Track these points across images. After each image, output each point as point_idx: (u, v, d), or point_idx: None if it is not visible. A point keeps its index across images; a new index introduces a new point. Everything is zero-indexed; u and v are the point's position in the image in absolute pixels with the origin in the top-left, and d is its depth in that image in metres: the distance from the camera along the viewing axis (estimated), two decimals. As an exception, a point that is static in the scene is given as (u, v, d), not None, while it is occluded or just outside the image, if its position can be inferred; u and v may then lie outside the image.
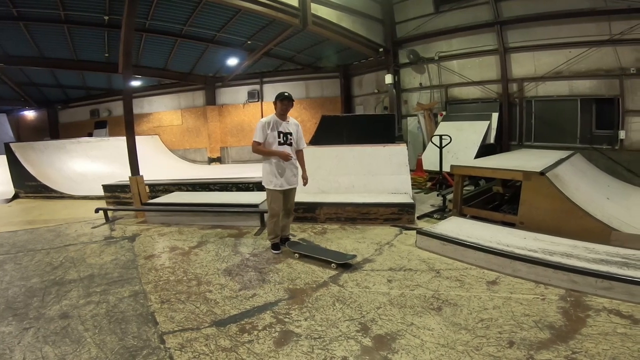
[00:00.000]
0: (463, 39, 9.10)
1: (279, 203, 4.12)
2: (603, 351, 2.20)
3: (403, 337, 2.47)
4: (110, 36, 9.22)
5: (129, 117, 6.24)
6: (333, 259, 3.78)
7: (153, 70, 12.47)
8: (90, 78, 13.40)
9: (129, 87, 6.54)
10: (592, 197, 4.44)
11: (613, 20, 6.84)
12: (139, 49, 10.37)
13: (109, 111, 15.15)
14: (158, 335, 2.62)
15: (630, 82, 6.82)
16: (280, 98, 4.09)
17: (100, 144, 11.50)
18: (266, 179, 4.12)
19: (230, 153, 14.34)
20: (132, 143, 6.23)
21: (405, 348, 2.35)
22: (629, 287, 2.79)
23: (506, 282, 3.25)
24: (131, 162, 6.22)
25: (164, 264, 4.08)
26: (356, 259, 3.91)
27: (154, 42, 10.18)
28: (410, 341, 2.42)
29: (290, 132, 4.17)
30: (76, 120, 15.84)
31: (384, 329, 2.59)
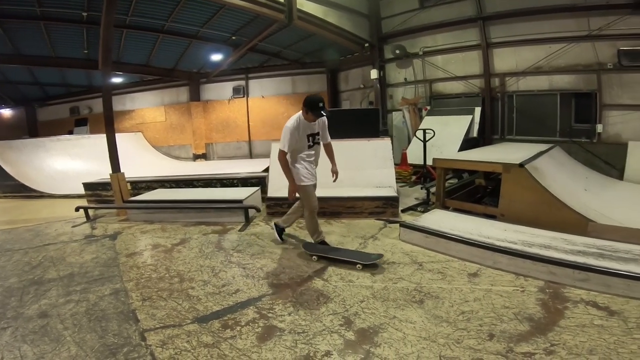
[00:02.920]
0: (447, 34, 9.16)
1: (315, 197, 3.94)
2: (580, 343, 2.23)
3: (385, 331, 2.49)
4: (90, 33, 8.99)
5: (109, 114, 6.14)
6: (358, 260, 3.58)
7: (135, 66, 12.21)
8: (70, 75, 13.08)
9: (108, 84, 6.44)
10: (570, 189, 4.54)
11: (592, 17, 6.97)
12: (120, 46, 10.15)
13: (89, 108, 14.81)
14: (139, 333, 2.60)
15: (607, 77, 6.98)
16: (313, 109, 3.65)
17: (81, 142, 11.25)
18: (298, 177, 3.86)
19: (216, 149, 14.20)
20: (112, 140, 6.12)
21: (388, 341, 2.37)
22: (605, 279, 2.84)
23: (487, 274, 3.30)
24: (112, 159, 6.11)
25: (145, 262, 4.03)
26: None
27: (135, 38, 9.96)
28: (393, 334, 2.44)
29: (317, 132, 3.90)
30: (56, 118, 15.43)
31: (367, 322, 2.61)
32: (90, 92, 14.39)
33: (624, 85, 6.82)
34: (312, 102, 3.65)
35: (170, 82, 13.94)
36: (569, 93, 7.52)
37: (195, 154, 14.00)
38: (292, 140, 3.70)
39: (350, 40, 9.90)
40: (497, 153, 5.55)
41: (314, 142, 3.89)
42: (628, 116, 6.79)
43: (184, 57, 11.95)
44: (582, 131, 7.38)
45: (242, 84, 13.65)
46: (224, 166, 10.38)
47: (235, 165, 10.25)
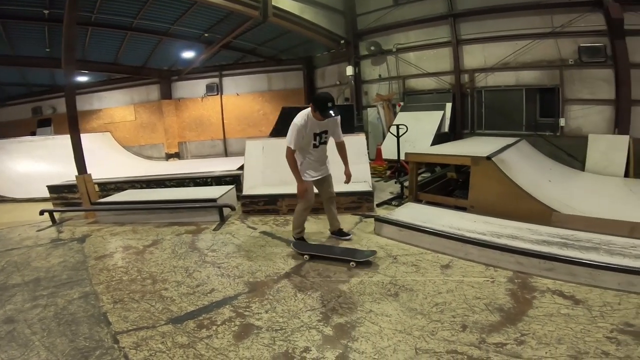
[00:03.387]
0: (420, 31, 9.31)
1: (312, 194, 3.87)
2: (549, 333, 2.30)
3: (362, 325, 2.52)
4: (52, 30, 8.59)
5: (73, 114, 5.92)
6: (352, 258, 3.50)
7: (101, 64, 11.78)
8: (31, 74, 12.48)
9: (71, 83, 6.19)
10: (535, 180, 4.74)
11: (555, 14, 7.26)
12: (85, 43, 9.75)
13: (53, 108, 14.14)
14: (111, 335, 2.55)
15: (569, 73, 7.32)
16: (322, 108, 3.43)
17: (44, 143, 10.76)
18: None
19: (190, 148, 13.91)
20: (77, 140, 5.91)
21: (365, 335, 2.40)
22: (570, 268, 2.94)
23: (459, 265, 3.38)
24: (77, 161, 5.89)
25: (116, 264, 3.92)
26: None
27: (101, 36, 9.59)
28: (369, 328, 2.47)
29: (325, 130, 3.72)
30: (16, 118, 14.59)
31: (344, 317, 2.63)
32: (54, 92, 13.74)
33: (584, 81, 7.17)
34: (321, 101, 3.44)
35: (140, 80, 13.52)
36: (534, 88, 7.83)
37: (168, 153, 13.66)
38: (299, 137, 3.56)
39: (327, 37, 9.90)
40: (467, 147, 5.72)
41: (320, 142, 3.72)
42: (587, 110, 7.15)
43: (154, 55, 11.60)
44: (547, 125, 7.71)
45: (216, 82, 13.42)
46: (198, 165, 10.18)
47: (210, 163, 10.06)
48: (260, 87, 13.41)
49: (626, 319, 2.38)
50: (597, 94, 7.03)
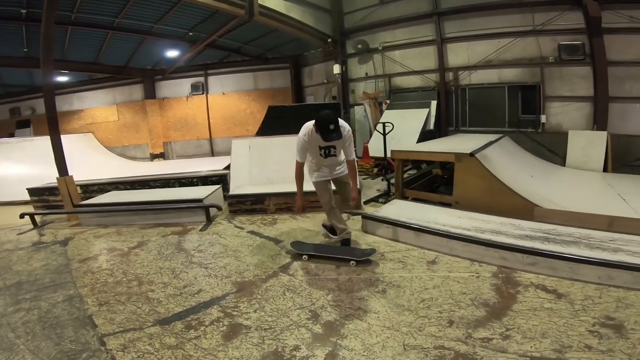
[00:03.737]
0: (405, 29, 9.35)
1: (326, 193, 3.71)
2: (533, 327, 2.34)
3: (351, 322, 2.53)
4: (30, 30, 8.37)
5: (52, 115, 5.78)
6: (351, 257, 3.46)
7: (82, 64, 11.54)
8: (9, 75, 12.17)
9: (50, 84, 6.05)
10: (517, 175, 4.84)
11: (536, 12, 7.39)
12: (65, 43, 9.52)
13: (32, 109, 13.75)
14: (98, 338, 2.52)
15: (549, 70, 7.48)
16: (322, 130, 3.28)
17: (23, 145, 10.48)
18: (310, 173, 3.77)
19: (175, 148, 13.72)
20: (58, 142, 5.77)
21: (354, 333, 2.41)
22: (551, 262, 3.01)
23: (445, 261, 3.43)
24: (58, 162, 5.75)
25: (100, 266, 3.85)
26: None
27: (81, 36, 9.39)
28: (358, 325, 2.49)
29: (333, 146, 3.57)
30: (-7, 120, 14.22)
31: (333, 315, 2.64)
32: (32, 92, 13.36)
33: (563, 78, 7.34)
34: (321, 122, 3.28)
35: (122, 80, 13.28)
36: (515, 86, 7.96)
37: (152, 154, 13.46)
38: (303, 151, 3.53)
39: (314, 36, 9.89)
40: (451, 144, 5.81)
41: (327, 154, 3.60)
42: (567, 107, 7.33)
43: (137, 54, 11.41)
44: (528, 122, 7.87)
45: (201, 81, 13.27)
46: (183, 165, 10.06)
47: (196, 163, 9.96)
48: (247, 86, 13.32)
49: (607, 312, 2.44)
50: (576, 91, 7.21)
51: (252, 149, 6.25)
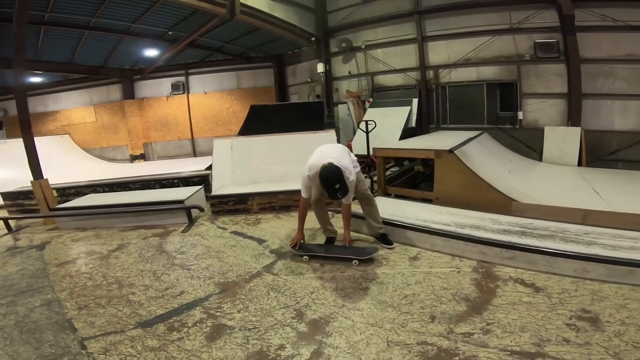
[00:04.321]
0: (387, 28, 9.43)
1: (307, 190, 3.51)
2: (513, 321, 2.39)
3: (336, 320, 2.55)
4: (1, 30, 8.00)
5: (25, 117, 5.60)
6: (354, 256, 3.41)
7: (57, 64, 11.14)
8: (-22, 76, 11.62)
9: (22, 85, 5.87)
10: (496, 171, 4.95)
11: (513, 11, 7.57)
12: (38, 43, 9.18)
13: (4, 111, 13.22)
14: (78, 342, 2.48)
15: (526, 68, 7.67)
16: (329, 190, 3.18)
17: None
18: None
19: (156, 149, 13.46)
20: (31, 144, 5.59)
21: (338, 330, 2.42)
22: (529, 256, 3.07)
23: (426, 256, 3.47)
24: (32, 165, 5.57)
25: (79, 270, 3.77)
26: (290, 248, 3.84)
27: (56, 36, 9.05)
28: (342, 323, 2.50)
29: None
30: (-38, 122, 13.63)
31: (317, 313, 2.65)
32: (4, 94, 12.82)
33: (539, 76, 7.55)
34: (326, 182, 3.16)
35: (99, 80, 12.93)
36: (494, 83, 8.14)
37: (132, 155, 13.15)
38: (308, 188, 3.44)
39: (297, 35, 9.85)
40: (432, 141, 5.89)
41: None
42: (543, 104, 7.54)
43: (114, 54, 11.09)
44: (507, 118, 8.06)
45: (182, 80, 13.05)
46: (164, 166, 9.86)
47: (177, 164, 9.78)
48: (229, 85, 13.18)
49: (583, 305, 2.51)
50: (552, 88, 7.43)
51: (235, 149, 6.20)
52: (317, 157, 3.38)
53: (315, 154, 3.48)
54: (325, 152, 3.48)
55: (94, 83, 13.06)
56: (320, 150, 3.53)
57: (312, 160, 3.37)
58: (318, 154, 3.47)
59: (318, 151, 3.53)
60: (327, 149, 3.55)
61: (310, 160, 3.38)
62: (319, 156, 3.38)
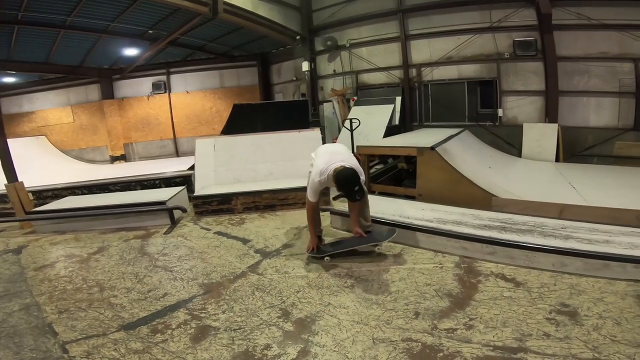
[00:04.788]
0: (371, 26, 9.51)
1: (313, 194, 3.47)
2: (495, 316, 2.41)
3: (322, 318, 2.54)
4: (-29, 30, 7.77)
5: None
6: (374, 242, 3.43)
7: (31, 64, 10.86)
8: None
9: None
10: (476, 167, 5.05)
11: (493, 9, 7.74)
12: (11, 43, 8.93)
13: (-24, 111, 12.79)
14: (59, 345, 2.43)
15: (505, 66, 7.85)
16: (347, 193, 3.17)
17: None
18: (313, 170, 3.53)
19: (137, 149, 13.20)
20: (4, 146, 5.42)
21: (325, 329, 2.42)
22: (509, 251, 3.10)
23: (410, 253, 3.49)
24: (5, 168, 5.41)
25: (58, 274, 3.67)
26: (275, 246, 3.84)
27: (30, 35, 8.82)
28: (329, 321, 2.50)
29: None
30: None
31: (304, 312, 2.64)
32: (-25, 95, 12.44)
33: (518, 73, 7.74)
34: (346, 185, 3.11)
35: (77, 80, 12.61)
36: (474, 81, 8.31)
37: (112, 156, 12.87)
38: (317, 193, 3.36)
39: (282, 33, 9.81)
40: (414, 138, 5.97)
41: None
42: (521, 101, 7.74)
43: (92, 53, 10.84)
44: (487, 116, 8.23)
45: (163, 79, 12.85)
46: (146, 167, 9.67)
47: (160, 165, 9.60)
48: (212, 84, 13.05)
49: (562, 299, 2.55)
50: (530, 86, 7.62)
51: (217, 148, 6.13)
52: (325, 160, 3.28)
53: (321, 157, 3.37)
54: (332, 154, 3.39)
55: (71, 83, 12.73)
56: (326, 153, 3.45)
57: (321, 164, 3.25)
58: (325, 156, 3.35)
59: (323, 153, 3.46)
60: (333, 151, 3.48)
61: (318, 165, 3.27)
62: (327, 159, 3.28)
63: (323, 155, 3.43)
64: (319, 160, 3.36)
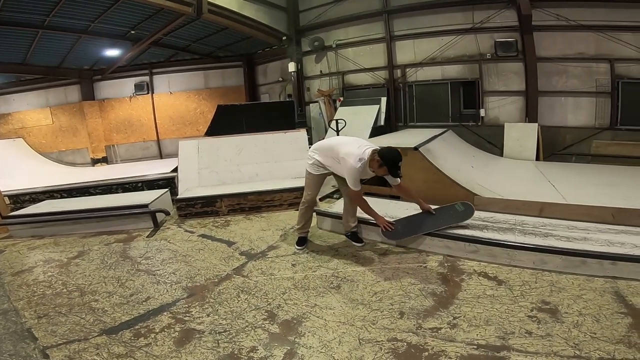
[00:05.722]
0: (357, 27, 9.53)
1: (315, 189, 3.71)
2: (478, 315, 2.45)
3: (308, 320, 2.55)
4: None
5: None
6: (456, 223, 3.45)
7: (7, 65, 10.52)
8: None
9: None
10: (459, 167, 5.12)
11: (476, 10, 7.84)
12: (-14, 43, 8.63)
13: (-52, 113, 12.32)
14: (40, 351, 2.39)
15: (487, 67, 7.98)
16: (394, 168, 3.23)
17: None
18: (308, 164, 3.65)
19: (119, 151, 12.92)
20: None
21: (311, 330, 2.43)
22: (491, 249, 3.15)
23: (395, 252, 3.53)
24: (-20, 171, 5.20)
25: (37, 279, 3.58)
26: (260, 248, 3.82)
27: (6, 35, 8.55)
28: (315, 322, 2.51)
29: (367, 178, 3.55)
30: None
31: (290, 313, 2.64)
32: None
33: (499, 74, 7.88)
34: (394, 160, 3.19)
35: (56, 81, 12.24)
36: (457, 82, 8.41)
37: (94, 159, 12.57)
38: (359, 181, 3.33)
39: (268, 34, 9.76)
40: (399, 138, 6.02)
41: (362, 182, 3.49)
42: (502, 101, 7.88)
43: (72, 53, 10.55)
44: (470, 116, 8.36)
45: (146, 80, 12.61)
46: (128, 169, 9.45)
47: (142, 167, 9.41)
48: (197, 85, 12.89)
49: (543, 297, 2.61)
50: (511, 86, 7.77)
51: (201, 150, 6.06)
52: (354, 147, 3.31)
53: (347, 146, 3.37)
54: (353, 141, 3.46)
55: (50, 84, 12.35)
56: (349, 142, 3.46)
57: (354, 151, 3.26)
58: (351, 145, 3.37)
59: (347, 143, 3.46)
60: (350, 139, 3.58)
61: (352, 152, 3.25)
62: (354, 146, 3.32)
63: (348, 144, 3.39)
64: (346, 148, 3.33)
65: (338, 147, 3.40)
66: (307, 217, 3.84)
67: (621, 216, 3.51)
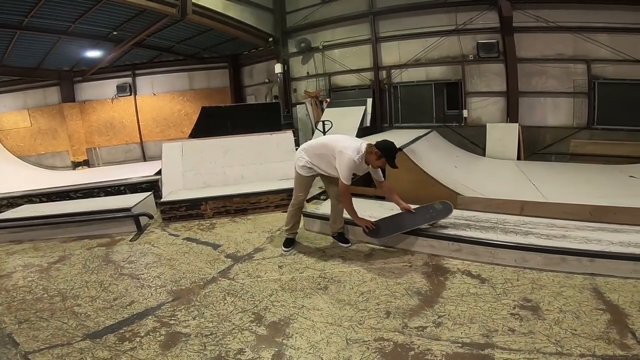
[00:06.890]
0: (344, 28, 9.60)
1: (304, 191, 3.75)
2: (462, 313, 2.48)
3: (296, 321, 2.55)
4: None
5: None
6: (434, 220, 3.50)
7: (-18, 66, 10.17)
8: None
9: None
10: (442, 167, 5.21)
11: (459, 12, 7.99)
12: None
13: None
14: (22, 356, 2.35)
15: (469, 68, 8.14)
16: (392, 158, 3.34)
17: None
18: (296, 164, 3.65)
19: (101, 154, 12.65)
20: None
21: (299, 331, 2.43)
22: (473, 248, 3.20)
23: (380, 252, 3.56)
24: (-45, 175, 5.01)
25: (16, 284, 3.48)
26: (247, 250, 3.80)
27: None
28: (303, 324, 2.51)
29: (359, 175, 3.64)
30: None
31: (277, 315, 2.63)
32: None
33: (481, 75, 8.05)
34: (392, 150, 3.31)
35: (34, 82, 11.91)
36: (441, 83, 8.55)
37: (74, 162, 12.27)
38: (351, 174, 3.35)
39: (254, 35, 9.72)
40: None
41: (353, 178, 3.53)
42: (485, 102, 8.05)
43: (51, 55, 10.28)
44: (453, 116, 8.50)
45: (129, 81, 12.42)
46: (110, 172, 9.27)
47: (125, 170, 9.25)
48: (181, 86, 12.76)
49: (525, 294, 2.66)
50: (492, 87, 7.95)
51: (185, 152, 5.99)
52: (351, 141, 3.42)
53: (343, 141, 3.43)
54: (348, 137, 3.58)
55: (28, 85, 12.00)
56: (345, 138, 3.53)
57: (352, 144, 3.35)
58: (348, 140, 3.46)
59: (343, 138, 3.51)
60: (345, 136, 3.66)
61: (350, 145, 3.33)
62: (351, 141, 3.44)
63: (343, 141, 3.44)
64: (342, 143, 3.38)
65: (334, 143, 3.44)
66: (296, 219, 3.88)
67: (598, 213, 3.62)
